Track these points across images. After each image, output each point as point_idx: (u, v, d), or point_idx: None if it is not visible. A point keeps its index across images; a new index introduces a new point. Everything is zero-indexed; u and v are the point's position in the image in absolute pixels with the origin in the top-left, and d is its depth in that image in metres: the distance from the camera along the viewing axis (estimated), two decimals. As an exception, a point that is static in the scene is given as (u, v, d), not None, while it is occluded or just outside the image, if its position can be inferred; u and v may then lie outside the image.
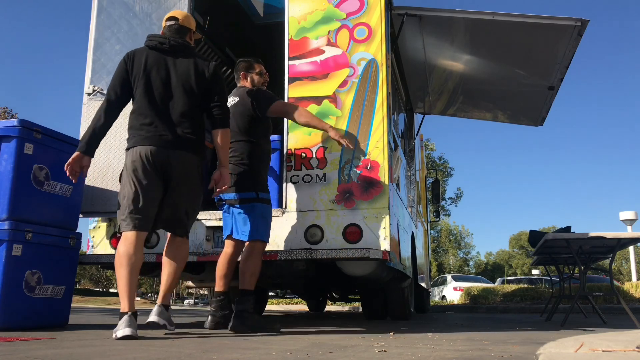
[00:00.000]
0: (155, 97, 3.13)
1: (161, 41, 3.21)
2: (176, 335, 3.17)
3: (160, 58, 3.19)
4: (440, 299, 20.22)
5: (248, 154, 3.70)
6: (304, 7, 4.23)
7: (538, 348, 2.15)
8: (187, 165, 3.14)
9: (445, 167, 30.48)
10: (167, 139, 3.09)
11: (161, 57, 3.19)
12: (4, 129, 3.49)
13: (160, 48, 3.20)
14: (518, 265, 60.21)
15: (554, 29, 4.64)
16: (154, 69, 3.16)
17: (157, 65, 3.17)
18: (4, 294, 3.31)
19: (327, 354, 2.21)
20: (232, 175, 3.56)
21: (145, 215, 3.06)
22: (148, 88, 3.13)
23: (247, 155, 3.69)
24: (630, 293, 11.20)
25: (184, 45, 3.25)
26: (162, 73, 3.16)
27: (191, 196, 3.23)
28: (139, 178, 3.06)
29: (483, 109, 7.33)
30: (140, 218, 3.04)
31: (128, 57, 3.21)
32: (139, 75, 3.15)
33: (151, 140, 3.07)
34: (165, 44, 3.19)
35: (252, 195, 3.64)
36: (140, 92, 3.14)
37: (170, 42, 3.20)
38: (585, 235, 5.02)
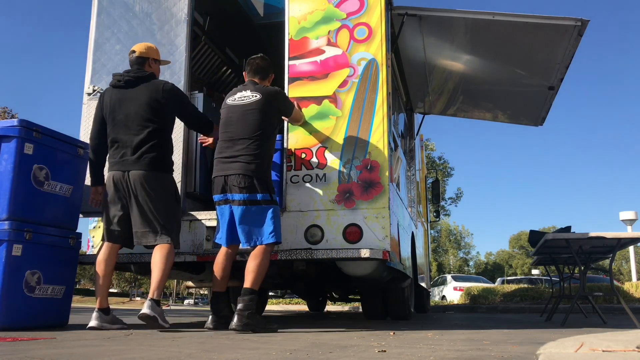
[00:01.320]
0: (120, 127, 3.65)
1: (118, 79, 3.74)
2: (176, 335, 3.17)
3: (119, 93, 3.70)
4: (440, 299, 20.21)
5: (262, 154, 3.60)
6: (304, 7, 4.23)
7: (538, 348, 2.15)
8: (147, 181, 3.56)
9: (445, 167, 30.48)
10: (126, 162, 3.59)
11: (120, 92, 3.70)
12: (4, 129, 3.49)
13: (119, 85, 3.72)
14: (518, 265, 60.21)
15: (554, 29, 4.64)
16: (116, 104, 3.68)
17: (117, 100, 3.69)
18: (4, 294, 3.31)
19: (327, 354, 2.21)
20: (244, 176, 3.50)
21: (112, 230, 3.64)
22: (114, 121, 3.67)
23: (261, 154, 3.60)
24: (630, 293, 11.20)
25: (137, 77, 3.71)
26: (122, 106, 3.66)
27: (160, 208, 3.59)
28: (107, 200, 3.65)
29: (483, 109, 7.33)
30: (108, 231, 3.66)
31: (100, 97, 3.81)
32: (107, 112, 3.71)
33: (116, 166, 3.63)
34: (121, 80, 3.71)
35: (267, 197, 3.55)
36: (110, 126, 3.70)
37: (124, 78, 3.71)
38: (585, 235, 5.02)
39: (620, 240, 5.11)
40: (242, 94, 3.70)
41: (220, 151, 3.64)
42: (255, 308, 3.49)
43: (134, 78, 3.69)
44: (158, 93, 3.65)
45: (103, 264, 3.60)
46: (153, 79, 3.74)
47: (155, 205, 3.56)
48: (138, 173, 3.55)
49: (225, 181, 3.54)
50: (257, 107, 3.61)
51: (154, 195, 3.56)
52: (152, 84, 3.69)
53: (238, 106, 3.66)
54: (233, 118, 3.65)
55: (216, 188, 3.60)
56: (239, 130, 3.60)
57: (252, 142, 3.57)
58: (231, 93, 3.79)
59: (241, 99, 3.68)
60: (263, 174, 3.56)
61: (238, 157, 3.54)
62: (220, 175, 3.57)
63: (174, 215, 3.66)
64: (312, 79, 4.10)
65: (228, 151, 3.59)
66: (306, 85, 4.10)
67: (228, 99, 3.76)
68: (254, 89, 3.70)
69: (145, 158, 3.56)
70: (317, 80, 4.09)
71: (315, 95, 4.07)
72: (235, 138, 3.59)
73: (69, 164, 3.82)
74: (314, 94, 4.07)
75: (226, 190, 3.55)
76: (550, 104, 6.23)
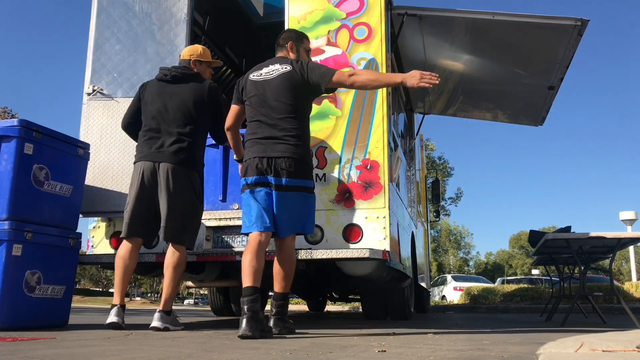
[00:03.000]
0: (157, 119, 3.65)
1: (165, 73, 3.76)
2: (176, 335, 3.17)
3: (163, 86, 3.73)
4: (440, 299, 20.22)
5: (302, 135, 3.24)
6: (304, 7, 4.23)
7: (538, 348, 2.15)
8: (175, 177, 3.54)
9: (445, 167, 30.49)
10: (159, 153, 3.58)
11: (164, 85, 3.73)
12: (4, 129, 3.49)
13: (164, 79, 3.74)
14: (518, 265, 60.22)
15: (554, 28, 4.64)
16: (157, 96, 3.71)
17: (159, 93, 3.71)
18: (4, 294, 3.31)
19: (327, 354, 2.21)
20: (292, 159, 3.14)
21: (134, 223, 3.57)
22: (152, 112, 3.68)
23: (302, 136, 3.23)
24: (630, 293, 11.20)
25: (184, 74, 3.74)
26: (164, 99, 3.68)
27: (181, 205, 3.55)
28: (134, 190, 3.59)
29: (483, 109, 7.32)
30: (129, 225, 3.58)
31: (140, 88, 3.83)
32: (147, 102, 3.73)
33: (148, 156, 3.60)
34: (168, 75, 3.74)
35: (312, 184, 3.26)
36: (146, 117, 3.70)
37: (171, 72, 3.74)
38: (585, 235, 5.02)
39: (620, 240, 5.11)
40: (269, 68, 3.33)
41: (254, 131, 3.23)
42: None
43: (180, 74, 3.74)
44: (203, 91, 3.71)
45: (122, 260, 3.56)
46: (199, 78, 3.79)
47: (175, 201, 3.54)
48: (169, 166, 3.55)
49: (268, 163, 3.13)
50: (287, 80, 3.24)
51: (182, 191, 3.56)
52: (197, 82, 3.75)
53: (267, 82, 3.28)
54: (266, 95, 3.24)
55: (250, 169, 3.18)
56: (274, 107, 3.21)
57: (291, 121, 3.20)
58: (255, 69, 3.41)
59: (269, 73, 3.30)
60: (309, 158, 3.26)
61: (282, 138, 3.16)
62: (262, 156, 3.15)
63: (192, 213, 3.63)
64: (312, 79, 4.09)
65: (267, 131, 3.18)
66: (306, 85, 4.09)
67: (252, 75, 3.37)
68: (281, 60, 3.36)
69: (179, 152, 3.58)
70: (317, 80, 4.08)
71: (315, 95, 4.06)
72: (274, 117, 3.19)
73: (69, 164, 3.82)
74: (314, 93, 4.07)
75: (266, 172, 3.13)
76: (550, 104, 6.23)
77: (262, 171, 3.14)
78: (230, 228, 4.12)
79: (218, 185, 4.25)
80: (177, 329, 3.50)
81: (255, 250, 3.09)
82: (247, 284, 3.01)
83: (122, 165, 4.25)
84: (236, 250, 4.07)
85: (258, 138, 3.21)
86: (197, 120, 3.68)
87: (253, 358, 2.05)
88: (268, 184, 3.14)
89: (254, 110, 3.28)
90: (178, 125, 3.63)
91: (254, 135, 3.24)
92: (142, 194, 3.59)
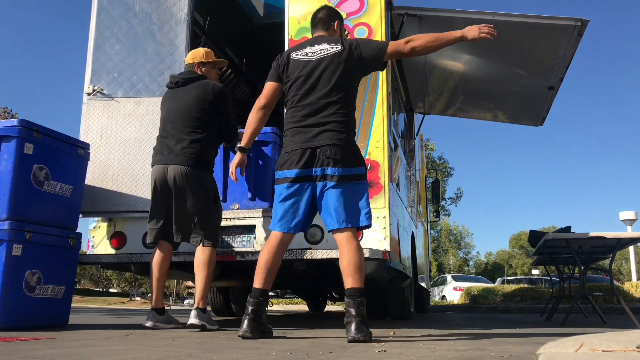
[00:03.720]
0: (165, 123, 3.75)
1: (171, 80, 3.88)
2: (176, 335, 3.17)
3: (170, 92, 3.85)
4: (440, 299, 20.23)
5: (350, 121, 3.01)
6: (304, 7, 4.23)
7: (538, 348, 2.15)
8: (185, 178, 3.57)
9: (445, 167, 30.49)
10: (167, 157, 3.63)
11: (171, 91, 3.85)
12: (4, 129, 3.49)
13: (171, 86, 3.87)
14: (518, 265, 60.21)
15: (554, 29, 4.64)
16: (165, 102, 3.83)
17: (167, 99, 3.84)
18: (4, 294, 3.31)
19: (327, 353, 2.21)
20: (338, 146, 2.88)
21: (158, 228, 3.65)
22: (162, 118, 3.80)
23: (350, 122, 2.99)
24: (630, 293, 11.20)
25: (187, 79, 3.81)
26: (171, 104, 3.76)
27: (195, 205, 3.60)
28: (153, 195, 3.69)
29: (483, 109, 7.32)
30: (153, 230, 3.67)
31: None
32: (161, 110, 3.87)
33: (157, 161, 3.67)
34: (172, 82, 3.85)
35: (364, 170, 2.98)
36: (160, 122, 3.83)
37: (175, 79, 3.85)
38: (585, 235, 5.02)
39: (620, 240, 5.11)
40: (316, 48, 3.02)
41: (297, 117, 2.97)
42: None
43: (183, 79, 3.82)
44: (206, 92, 3.73)
45: (157, 267, 3.68)
46: (203, 79, 3.83)
47: (190, 203, 3.59)
48: (176, 168, 3.58)
49: (313, 154, 2.87)
50: (342, 61, 2.96)
51: (190, 192, 3.58)
52: (201, 83, 3.79)
53: (315, 62, 2.98)
54: (313, 76, 2.97)
55: (291, 162, 2.90)
56: (322, 90, 2.95)
57: (340, 106, 2.95)
58: (298, 47, 3.12)
59: (317, 53, 3.01)
60: (355, 144, 3.00)
61: (327, 125, 2.91)
62: (306, 147, 2.89)
63: (210, 214, 3.66)
64: (312, 79, 4.08)
65: (313, 117, 2.93)
66: (306, 85, 4.09)
67: (295, 54, 3.07)
68: (331, 40, 3.05)
69: (185, 153, 3.60)
70: (317, 80, 4.07)
71: (315, 95, 4.06)
72: (322, 101, 2.94)
73: (69, 164, 3.82)
74: (314, 94, 4.06)
75: (310, 165, 2.88)
76: (551, 104, 6.23)
77: (307, 164, 2.88)
78: (230, 228, 4.12)
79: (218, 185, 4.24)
80: (212, 327, 3.54)
81: (274, 250, 2.93)
82: (257, 285, 2.89)
83: (122, 165, 4.25)
84: (236, 250, 4.08)
85: (302, 126, 2.93)
86: (202, 121, 3.69)
87: (253, 358, 2.05)
88: (311, 178, 2.89)
89: (297, 93, 2.99)
90: (185, 127, 3.66)
91: (296, 123, 2.96)
92: (157, 198, 3.66)
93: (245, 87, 7.20)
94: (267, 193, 4.10)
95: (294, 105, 3.00)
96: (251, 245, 4.08)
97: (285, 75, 3.06)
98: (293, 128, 2.97)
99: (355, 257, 2.84)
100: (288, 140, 2.97)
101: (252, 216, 4.09)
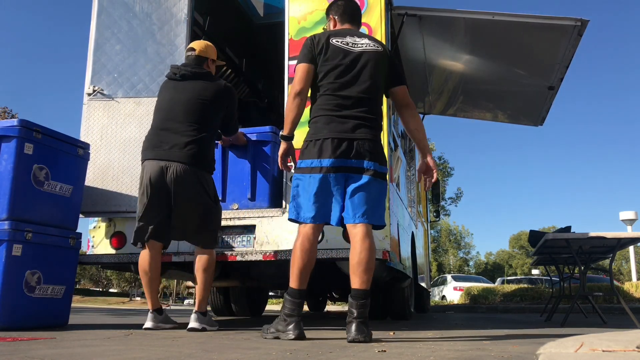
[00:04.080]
0: (164, 117, 3.57)
1: (174, 71, 3.67)
2: (176, 335, 3.18)
3: (172, 84, 3.65)
4: (440, 299, 20.23)
5: (381, 119, 3.01)
6: (304, 7, 4.22)
7: (538, 348, 2.15)
8: (188, 177, 3.45)
9: (445, 167, 30.48)
10: (168, 152, 3.46)
11: (173, 83, 3.65)
12: (4, 129, 3.49)
13: (174, 78, 3.66)
14: (518, 265, 60.21)
15: (554, 29, 4.64)
16: (166, 93, 3.64)
17: (168, 89, 3.64)
18: (4, 294, 3.31)
19: (327, 353, 2.21)
20: (374, 142, 2.86)
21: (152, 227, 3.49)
22: (159, 110, 3.61)
23: (381, 120, 2.99)
24: (630, 293, 11.20)
25: (194, 73, 3.63)
26: (174, 96, 3.59)
27: (196, 207, 3.51)
28: (146, 192, 3.49)
29: (483, 109, 7.32)
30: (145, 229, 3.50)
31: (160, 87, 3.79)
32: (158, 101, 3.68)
33: (155, 155, 3.48)
34: (177, 73, 3.64)
35: (386, 170, 2.95)
36: (155, 114, 3.65)
37: (181, 71, 3.64)
38: (585, 235, 5.02)
39: (620, 240, 5.11)
40: (356, 40, 2.95)
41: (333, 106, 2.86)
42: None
43: (190, 73, 3.63)
44: (218, 91, 3.62)
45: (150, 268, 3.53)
46: (210, 77, 3.69)
47: (191, 204, 3.50)
48: (178, 166, 3.44)
49: (350, 145, 2.80)
50: (381, 62, 2.95)
51: (192, 192, 3.48)
52: (210, 82, 3.64)
53: (355, 53, 2.91)
54: (355, 68, 2.89)
55: (326, 150, 2.79)
56: (362, 85, 2.88)
57: (375, 104, 2.92)
58: (337, 34, 2.99)
59: (358, 45, 2.94)
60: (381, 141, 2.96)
61: (365, 120, 2.85)
62: (342, 137, 2.80)
63: (210, 215, 3.58)
64: (312, 79, 4.08)
65: (351, 109, 2.85)
66: (306, 85, 4.08)
67: (335, 40, 2.94)
68: (373, 39, 3.02)
69: (189, 150, 3.47)
70: (317, 80, 4.07)
71: (315, 95, 4.05)
72: (361, 95, 2.87)
73: (69, 164, 3.82)
74: (314, 94, 4.06)
75: (347, 155, 2.79)
76: (551, 104, 6.23)
77: (343, 154, 2.78)
78: (230, 228, 4.12)
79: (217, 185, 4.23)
80: (213, 329, 3.55)
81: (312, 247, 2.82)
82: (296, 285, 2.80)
83: (123, 165, 4.25)
84: (236, 250, 4.07)
85: (338, 116, 2.83)
86: (208, 119, 3.58)
87: (253, 358, 2.05)
88: (346, 169, 2.80)
89: (335, 81, 2.87)
90: (190, 123, 3.51)
91: (331, 112, 2.84)
92: (153, 196, 3.48)
93: (245, 87, 7.20)
94: (266, 193, 4.10)
95: (330, 93, 2.88)
96: (251, 245, 4.07)
97: (322, 58, 2.91)
98: (327, 116, 2.84)
99: (367, 257, 2.76)
100: (319, 127, 2.84)
101: (252, 216, 4.09)
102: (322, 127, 2.83)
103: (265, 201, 4.10)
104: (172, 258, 4.01)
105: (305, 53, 2.93)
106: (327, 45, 2.91)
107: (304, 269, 2.80)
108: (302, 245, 2.81)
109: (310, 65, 2.91)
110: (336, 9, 3.14)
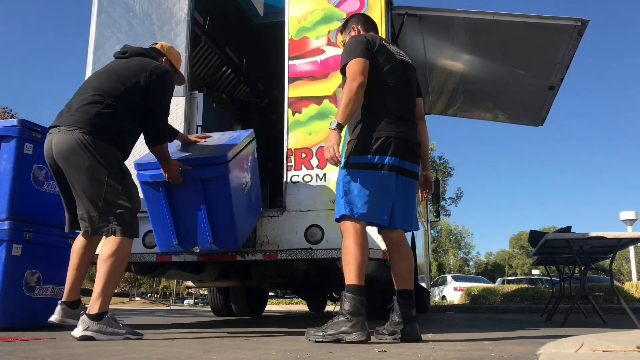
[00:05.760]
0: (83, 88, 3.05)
1: (122, 50, 3.24)
2: (176, 335, 3.17)
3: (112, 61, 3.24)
4: (440, 299, 20.22)
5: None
6: (304, 7, 4.22)
7: (538, 348, 2.15)
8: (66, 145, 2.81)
9: (445, 167, 30.50)
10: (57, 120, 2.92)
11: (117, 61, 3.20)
12: (4, 128, 3.49)
13: (119, 56, 3.23)
14: (518, 265, 60.23)
15: (554, 29, 4.64)
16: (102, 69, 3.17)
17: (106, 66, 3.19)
18: (4, 294, 3.31)
19: (327, 354, 2.21)
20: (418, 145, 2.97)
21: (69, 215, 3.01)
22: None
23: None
24: (630, 293, 11.19)
25: (138, 51, 3.21)
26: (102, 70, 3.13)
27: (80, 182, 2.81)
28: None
29: (483, 109, 7.32)
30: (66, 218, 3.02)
31: None
32: None
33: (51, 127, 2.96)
34: (122, 52, 3.22)
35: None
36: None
37: (125, 49, 3.22)
38: (585, 235, 5.01)
39: (621, 240, 5.10)
40: (399, 51, 3.09)
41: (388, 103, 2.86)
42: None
43: (135, 51, 3.20)
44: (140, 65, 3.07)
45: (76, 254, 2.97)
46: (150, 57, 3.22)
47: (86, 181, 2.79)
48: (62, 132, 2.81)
49: (405, 147, 2.81)
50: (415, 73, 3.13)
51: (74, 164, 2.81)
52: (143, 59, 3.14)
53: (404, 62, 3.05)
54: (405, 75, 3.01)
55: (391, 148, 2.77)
56: (410, 91, 3.02)
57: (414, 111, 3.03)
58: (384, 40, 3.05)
59: (401, 54, 3.07)
60: None
61: (415, 124, 2.96)
62: (401, 138, 2.80)
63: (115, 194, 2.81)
64: (312, 79, 4.09)
65: (404, 112, 2.90)
66: (306, 85, 4.09)
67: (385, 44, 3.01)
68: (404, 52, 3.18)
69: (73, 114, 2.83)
70: (317, 80, 4.08)
71: (315, 95, 4.06)
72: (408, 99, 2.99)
73: (69, 164, 3.81)
74: (314, 93, 4.07)
75: (403, 156, 2.81)
76: (551, 104, 6.23)
77: (401, 154, 2.79)
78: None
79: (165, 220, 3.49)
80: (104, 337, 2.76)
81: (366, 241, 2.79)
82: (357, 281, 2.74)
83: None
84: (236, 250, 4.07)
85: (397, 116, 2.83)
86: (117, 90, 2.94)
87: (253, 358, 2.05)
88: (402, 170, 2.81)
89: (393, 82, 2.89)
90: (93, 92, 2.91)
91: (391, 110, 2.83)
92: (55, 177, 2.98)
93: (245, 87, 7.20)
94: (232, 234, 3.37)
95: (387, 93, 2.87)
96: (251, 245, 4.07)
97: (380, 58, 2.90)
98: (390, 114, 2.82)
99: (412, 261, 2.90)
100: (382, 125, 2.79)
101: (252, 216, 4.07)
102: (384, 126, 2.79)
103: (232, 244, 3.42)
104: (172, 258, 4.00)
105: (362, 49, 2.87)
106: (382, 48, 2.95)
107: (363, 265, 2.75)
108: (359, 240, 2.74)
109: (369, 60, 2.86)
110: (357, 20, 3.23)
